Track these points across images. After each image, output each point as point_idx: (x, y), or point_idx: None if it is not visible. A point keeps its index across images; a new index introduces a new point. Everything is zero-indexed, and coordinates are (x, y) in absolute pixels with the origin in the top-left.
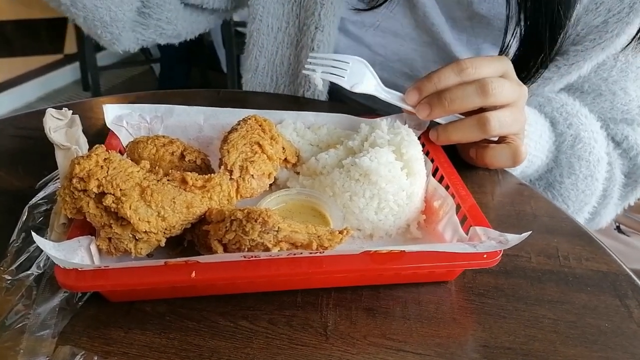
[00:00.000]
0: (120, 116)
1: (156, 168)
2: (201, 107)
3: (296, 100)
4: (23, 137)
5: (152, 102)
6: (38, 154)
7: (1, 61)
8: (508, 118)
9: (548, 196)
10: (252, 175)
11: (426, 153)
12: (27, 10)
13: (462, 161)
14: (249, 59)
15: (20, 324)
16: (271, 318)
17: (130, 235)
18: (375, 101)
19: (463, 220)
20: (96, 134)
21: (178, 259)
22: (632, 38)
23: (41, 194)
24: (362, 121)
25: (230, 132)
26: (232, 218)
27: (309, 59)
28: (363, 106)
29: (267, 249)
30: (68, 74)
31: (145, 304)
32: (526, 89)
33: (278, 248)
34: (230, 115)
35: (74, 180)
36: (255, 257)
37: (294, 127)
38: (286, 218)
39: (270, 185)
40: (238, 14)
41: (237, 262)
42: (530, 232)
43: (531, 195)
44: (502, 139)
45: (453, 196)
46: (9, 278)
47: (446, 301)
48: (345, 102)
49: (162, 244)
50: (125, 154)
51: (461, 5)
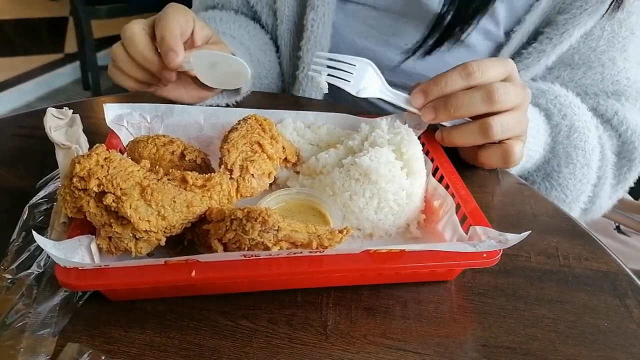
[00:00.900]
0: (120, 115)
1: (156, 167)
2: (201, 107)
3: (296, 99)
4: (24, 136)
5: (153, 102)
6: (39, 153)
7: (2, 60)
8: (511, 122)
9: (546, 186)
10: (252, 174)
11: (426, 152)
12: (28, 9)
13: (462, 161)
14: (282, 67)
15: (20, 323)
16: (271, 317)
17: (130, 234)
18: (372, 101)
19: (463, 219)
20: (96, 133)
21: (178, 258)
22: (612, 1)
23: (42, 193)
24: (362, 121)
25: (230, 132)
26: (232, 217)
27: (315, 58)
28: (361, 107)
29: (267, 248)
30: (68, 73)
31: (145, 303)
32: (530, 92)
33: (278, 247)
34: (230, 114)
35: (75, 179)
36: (255, 257)
37: (294, 127)
38: (286, 217)
39: (270, 184)
40: None
41: (237, 262)
42: (529, 232)
43: (531, 195)
44: (501, 140)
45: (453, 196)
46: (10, 277)
47: (446, 300)
48: (345, 102)
49: (162, 243)
50: (125, 153)
51: None
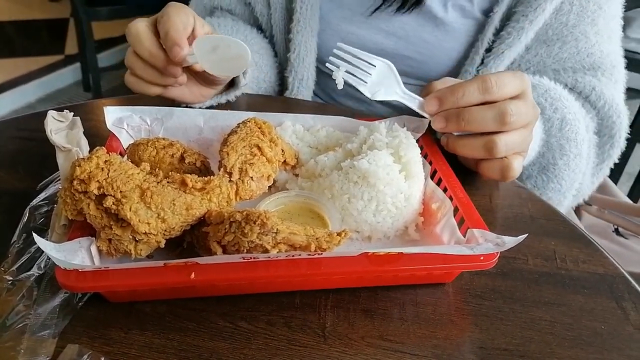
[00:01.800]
0: (120, 118)
1: (156, 170)
2: (201, 109)
3: (296, 102)
4: (24, 139)
5: (153, 104)
6: (39, 156)
7: (2, 61)
8: (516, 141)
9: (543, 179)
10: (252, 177)
11: (424, 156)
12: (28, 10)
13: (460, 164)
14: (279, 57)
15: (20, 324)
16: (270, 319)
17: (130, 236)
18: (370, 104)
19: (461, 222)
20: (97, 136)
21: (177, 260)
22: None
23: (42, 195)
24: (361, 124)
25: (229, 135)
26: (231, 220)
27: (335, 51)
28: (359, 110)
29: (266, 251)
30: (69, 75)
31: (145, 305)
32: (539, 111)
33: (277, 250)
34: (229, 117)
35: (75, 182)
36: (254, 259)
37: (293, 130)
38: (285, 220)
39: (269, 187)
40: None
41: (236, 264)
42: (526, 235)
43: (529, 197)
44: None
45: (451, 198)
46: (10, 279)
47: (443, 303)
48: (341, 105)
49: (162, 245)
50: (125, 156)
51: None
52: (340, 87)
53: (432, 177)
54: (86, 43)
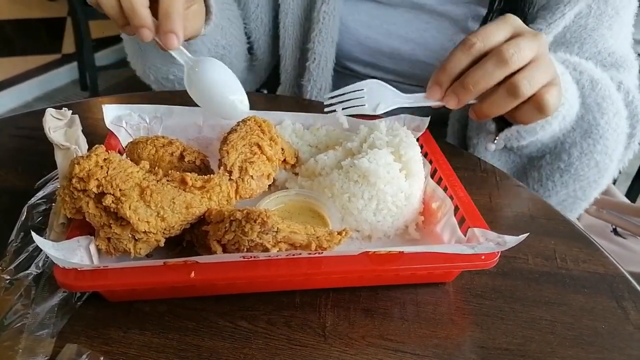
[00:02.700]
0: (119, 116)
1: (155, 169)
2: (200, 108)
3: (296, 101)
4: (23, 137)
5: (152, 103)
6: (37, 154)
7: None
8: (536, 74)
9: (588, 143)
10: (252, 176)
11: (424, 154)
12: (26, 9)
13: (461, 163)
14: (284, 61)
15: (19, 324)
16: (270, 318)
17: (129, 235)
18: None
19: (461, 221)
20: (95, 134)
21: (177, 260)
22: None
23: (40, 194)
24: (361, 122)
25: (229, 133)
26: (232, 218)
27: (326, 102)
28: None
29: (266, 250)
30: (66, 74)
31: (144, 304)
32: (544, 36)
33: (277, 249)
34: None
35: (74, 180)
36: (254, 258)
37: (293, 128)
38: (285, 219)
39: (269, 185)
40: None
41: (236, 263)
42: (527, 234)
43: (529, 197)
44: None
45: (451, 198)
46: (8, 277)
47: (444, 302)
48: None
49: (162, 244)
50: (124, 155)
51: None
52: (346, 126)
53: (433, 176)
54: (83, 42)
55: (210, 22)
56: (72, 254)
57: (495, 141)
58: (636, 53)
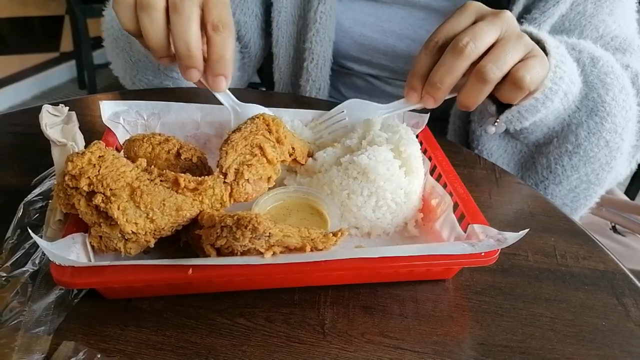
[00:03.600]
0: (117, 113)
1: (151, 167)
2: (198, 104)
3: (295, 98)
4: (19, 134)
5: (149, 99)
6: (34, 151)
7: None
8: (502, 54)
9: (595, 121)
10: (247, 179)
11: (424, 151)
12: (24, 7)
13: (460, 160)
14: (277, 59)
15: (15, 321)
16: (268, 315)
17: (119, 234)
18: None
19: (461, 218)
20: (92, 131)
21: (174, 260)
22: None
23: (37, 191)
24: (364, 116)
25: (233, 132)
26: (222, 224)
27: (311, 130)
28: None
29: (261, 254)
30: (64, 72)
31: (141, 301)
32: (507, 13)
33: (271, 252)
34: (227, 112)
35: (67, 177)
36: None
37: (292, 125)
38: (280, 219)
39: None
40: None
41: (234, 259)
42: (528, 230)
43: (529, 194)
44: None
45: (451, 194)
46: (4, 275)
47: (444, 299)
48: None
49: (152, 245)
50: (122, 152)
51: None
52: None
53: (432, 173)
54: (81, 40)
55: None
56: (69, 251)
57: (495, 124)
58: None
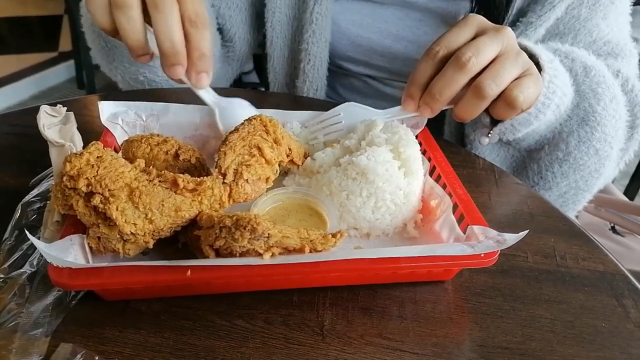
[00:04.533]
0: (115, 114)
1: (150, 167)
2: (197, 105)
3: (293, 98)
4: (17, 134)
5: (148, 100)
6: (32, 151)
7: None
8: (501, 71)
9: (586, 131)
10: (247, 180)
11: (423, 152)
12: (22, 7)
13: (460, 160)
14: (272, 60)
15: (12, 323)
16: (267, 317)
17: (117, 235)
18: (376, 100)
19: (460, 219)
20: (91, 132)
21: (172, 262)
22: None
23: (35, 192)
24: (360, 120)
25: (231, 133)
26: (221, 225)
27: (307, 131)
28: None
29: (260, 255)
30: (63, 72)
31: (140, 303)
32: (508, 29)
33: (270, 254)
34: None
35: (65, 178)
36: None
37: (290, 127)
38: (279, 220)
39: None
40: None
41: (233, 261)
42: (527, 231)
43: (528, 194)
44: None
45: (450, 195)
46: (2, 276)
47: (443, 301)
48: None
49: (150, 246)
50: (120, 152)
51: None
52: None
53: (431, 174)
54: (80, 40)
55: None
56: (66, 253)
57: (489, 135)
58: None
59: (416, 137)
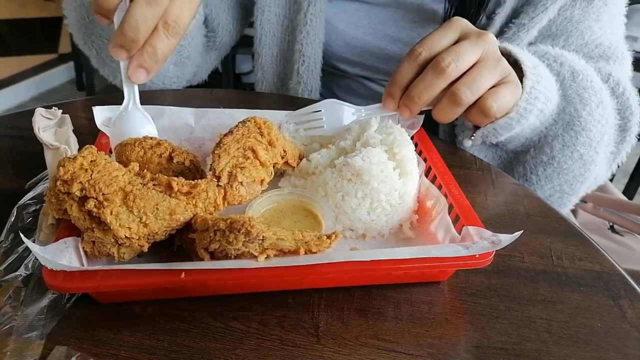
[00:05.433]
0: (110, 117)
1: (144, 171)
2: (192, 108)
3: (290, 100)
4: (13, 137)
5: (143, 102)
6: (28, 154)
7: None
8: (478, 78)
9: (570, 135)
10: (241, 182)
11: (419, 153)
12: (22, 9)
13: (456, 161)
14: (260, 58)
15: (7, 326)
16: (262, 319)
17: (112, 239)
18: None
19: (456, 220)
20: (87, 134)
21: (167, 264)
22: None
23: (30, 194)
24: (355, 121)
25: (225, 135)
26: (216, 228)
27: (286, 124)
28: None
29: (254, 257)
30: (62, 74)
31: (134, 305)
32: (490, 35)
33: (265, 256)
34: (221, 115)
35: (58, 182)
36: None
37: (286, 128)
38: (274, 222)
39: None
40: None
41: (227, 263)
42: (522, 232)
43: (524, 194)
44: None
45: (446, 196)
46: None
47: (438, 301)
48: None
49: (145, 250)
50: (114, 155)
51: None
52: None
53: (427, 175)
54: None
55: None
56: (61, 256)
57: (472, 137)
58: (631, 50)
59: (412, 138)
